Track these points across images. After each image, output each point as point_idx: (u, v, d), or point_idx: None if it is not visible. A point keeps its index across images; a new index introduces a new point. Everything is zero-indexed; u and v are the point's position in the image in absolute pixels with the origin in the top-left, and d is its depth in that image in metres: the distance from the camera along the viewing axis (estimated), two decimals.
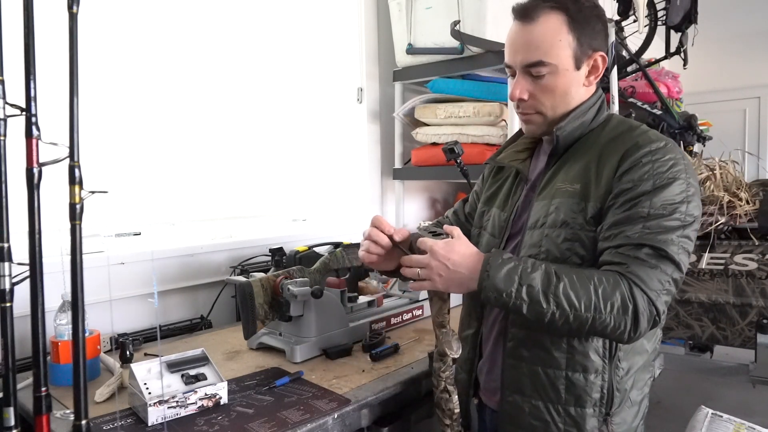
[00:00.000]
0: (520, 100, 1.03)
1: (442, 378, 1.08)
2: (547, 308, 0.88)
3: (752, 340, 2.28)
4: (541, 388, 0.98)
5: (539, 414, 0.98)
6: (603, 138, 1.01)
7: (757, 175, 4.60)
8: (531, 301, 0.89)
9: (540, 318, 0.89)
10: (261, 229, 2.01)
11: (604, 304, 0.87)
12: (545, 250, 0.98)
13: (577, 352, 0.96)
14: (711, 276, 2.39)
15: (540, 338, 0.98)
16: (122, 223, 1.62)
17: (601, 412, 0.96)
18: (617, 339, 0.92)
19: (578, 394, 0.96)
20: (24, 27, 0.90)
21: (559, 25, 0.97)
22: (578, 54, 0.99)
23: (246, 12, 1.95)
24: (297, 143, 2.15)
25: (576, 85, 1.01)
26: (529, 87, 1.01)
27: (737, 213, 2.29)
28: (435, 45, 2.12)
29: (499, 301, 0.90)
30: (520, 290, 0.89)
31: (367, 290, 1.84)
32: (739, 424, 1.41)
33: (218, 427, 1.00)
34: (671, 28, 3.77)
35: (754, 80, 5.27)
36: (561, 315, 0.88)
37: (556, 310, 0.88)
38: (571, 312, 0.87)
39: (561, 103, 1.02)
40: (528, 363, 0.99)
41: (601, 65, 1.02)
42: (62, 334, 1.22)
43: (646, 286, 0.88)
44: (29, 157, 0.91)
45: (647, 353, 1.03)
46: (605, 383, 0.96)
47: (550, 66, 0.98)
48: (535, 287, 0.88)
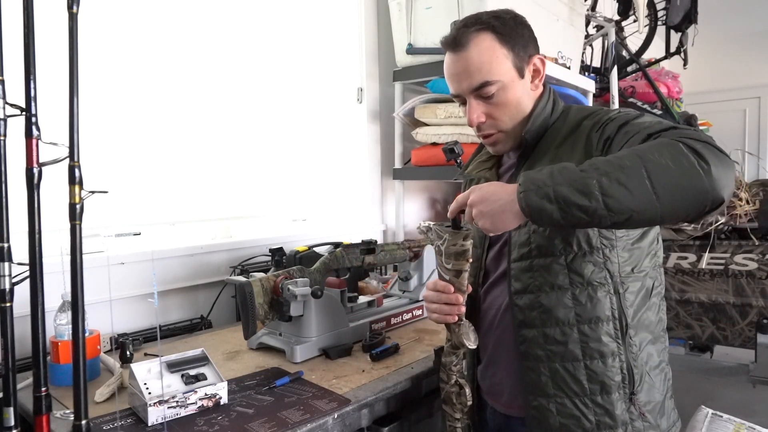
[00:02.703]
0: (479, 124, 1.05)
1: (453, 372, 1.08)
2: (605, 170, 0.77)
3: (752, 340, 2.28)
4: (563, 384, 0.97)
5: (568, 411, 0.97)
6: (567, 126, 1.03)
7: (757, 175, 4.61)
8: (580, 179, 0.78)
9: (589, 190, 0.77)
10: (261, 229, 2.01)
11: (661, 149, 0.78)
12: (536, 246, 0.99)
13: (590, 339, 0.96)
14: (711, 276, 2.39)
15: (551, 333, 0.98)
16: (122, 223, 1.62)
17: (625, 393, 0.96)
18: (697, 186, 0.76)
19: (601, 381, 0.95)
20: (24, 27, 0.90)
21: (491, 43, 1.00)
22: (517, 63, 1.02)
23: (246, 12, 1.95)
24: (297, 143, 2.15)
25: (526, 93, 1.04)
26: (484, 109, 1.03)
27: (737, 213, 2.29)
28: (435, 45, 2.12)
29: (545, 199, 0.79)
30: (566, 176, 0.80)
31: (367, 290, 1.84)
32: (739, 424, 1.41)
33: (218, 427, 1.00)
34: (671, 28, 3.78)
35: (754, 80, 5.27)
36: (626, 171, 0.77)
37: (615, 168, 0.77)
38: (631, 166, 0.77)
39: (517, 115, 1.04)
40: (546, 361, 0.98)
41: (541, 67, 1.04)
42: (62, 334, 1.22)
43: (682, 131, 0.82)
44: (29, 157, 0.91)
45: (653, 324, 1.01)
46: (623, 363, 0.96)
47: (496, 83, 1.00)
48: (575, 169, 0.81)
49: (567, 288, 0.97)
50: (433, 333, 1.56)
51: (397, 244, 1.68)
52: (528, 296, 1.00)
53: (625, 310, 0.96)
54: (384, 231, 2.50)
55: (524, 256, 1.00)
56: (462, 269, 1.00)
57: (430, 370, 1.28)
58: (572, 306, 0.97)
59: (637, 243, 0.99)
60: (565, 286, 0.97)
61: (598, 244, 0.96)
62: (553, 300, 0.97)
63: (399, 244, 1.68)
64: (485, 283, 1.12)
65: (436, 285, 1.03)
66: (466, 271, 1.01)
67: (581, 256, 0.96)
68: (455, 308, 1.02)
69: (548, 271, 0.98)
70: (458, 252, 0.99)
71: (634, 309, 0.97)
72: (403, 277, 1.77)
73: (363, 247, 1.56)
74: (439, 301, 1.03)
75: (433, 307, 1.04)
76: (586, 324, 0.96)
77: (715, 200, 0.77)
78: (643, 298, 0.99)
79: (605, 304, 0.96)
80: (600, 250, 0.96)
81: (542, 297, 0.98)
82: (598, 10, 3.51)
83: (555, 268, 0.97)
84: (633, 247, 0.98)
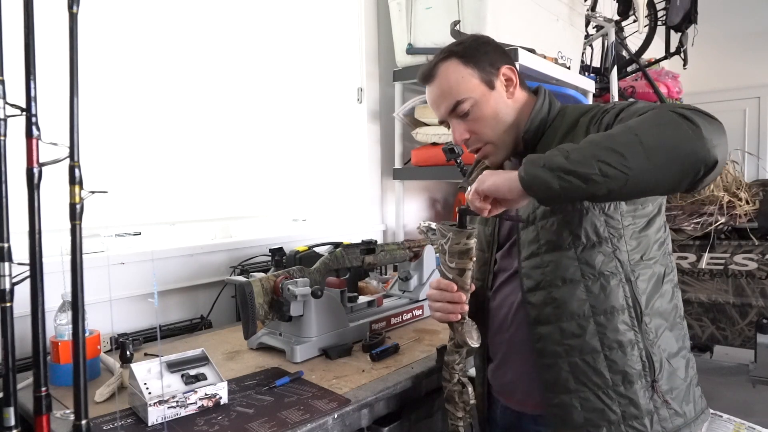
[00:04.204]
0: (464, 141, 1.10)
1: (456, 370, 1.08)
2: (601, 142, 0.81)
3: (752, 340, 2.28)
4: (585, 377, 0.97)
5: (592, 405, 0.97)
6: (565, 125, 1.04)
7: (757, 175, 4.61)
8: (578, 150, 0.82)
9: (584, 158, 0.80)
10: (261, 229, 2.01)
11: (650, 121, 0.82)
12: (545, 242, 1.00)
13: (608, 329, 0.96)
14: (711, 276, 2.39)
15: (568, 327, 0.98)
16: (122, 223, 1.62)
17: (647, 382, 0.96)
18: (689, 145, 0.78)
19: (623, 371, 0.95)
20: (24, 27, 0.90)
21: (455, 67, 1.06)
22: (485, 78, 1.06)
23: (246, 12, 1.95)
24: (297, 143, 2.15)
25: (501, 103, 1.07)
26: (465, 126, 1.08)
27: (737, 213, 2.29)
28: (435, 45, 2.12)
29: (543, 168, 0.83)
30: (563, 150, 0.84)
31: (367, 290, 1.84)
32: (739, 424, 1.41)
33: (218, 427, 1.00)
34: (671, 28, 3.78)
35: (754, 80, 5.28)
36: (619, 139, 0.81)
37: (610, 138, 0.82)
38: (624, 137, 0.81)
39: (498, 125, 1.07)
40: (564, 357, 0.98)
41: (513, 75, 1.08)
42: (62, 334, 1.22)
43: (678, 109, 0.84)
44: (29, 157, 0.91)
45: (668, 311, 1.01)
46: (642, 351, 0.96)
47: (468, 100, 1.05)
48: (571, 144, 0.85)
49: (579, 280, 0.97)
50: (433, 333, 1.56)
51: (397, 244, 1.68)
52: (541, 292, 1.01)
53: (638, 297, 0.97)
54: (384, 231, 2.50)
55: (534, 253, 1.01)
56: (465, 268, 1.01)
57: (430, 370, 1.28)
58: (586, 298, 0.97)
59: (644, 231, 1.00)
60: (577, 279, 0.97)
61: (605, 234, 0.97)
62: (567, 294, 0.98)
63: (399, 244, 1.68)
64: (495, 283, 1.13)
65: (440, 284, 1.04)
66: (470, 270, 1.01)
67: (590, 248, 0.97)
68: (458, 307, 1.03)
69: (559, 265, 0.98)
70: (462, 251, 0.99)
71: (647, 296, 0.98)
72: (403, 277, 1.77)
73: (363, 247, 1.56)
74: (442, 299, 1.04)
75: (437, 305, 1.05)
76: (601, 315, 0.96)
77: (708, 160, 0.78)
78: (656, 285, 1.00)
79: (618, 293, 0.96)
80: (608, 240, 0.97)
81: (555, 292, 0.99)
82: (598, 10, 3.52)
83: (566, 262, 0.98)
84: (640, 235, 0.99)
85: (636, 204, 0.99)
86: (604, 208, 0.97)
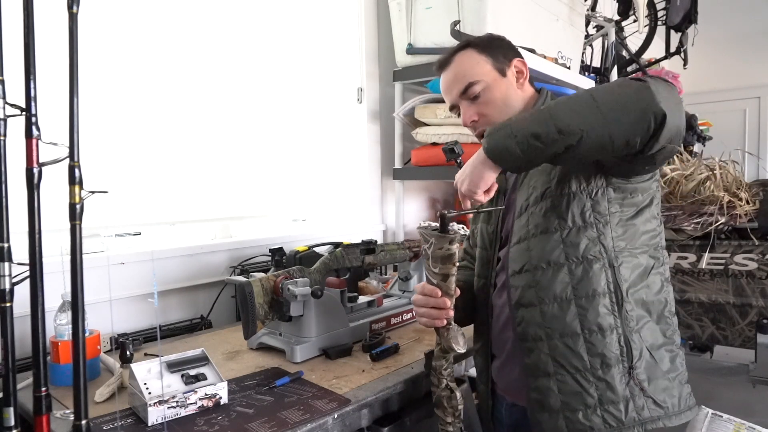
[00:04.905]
0: (472, 123, 1.13)
1: (444, 376, 1.08)
2: (555, 109, 0.88)
3: (752, 340, 2.28)
4: (564, 360, 0.98)
5: (569, 388, 0.97)
6: None
7: (757, 175, 4.61)
8: (534, 114, 0.90)
9: (542, 119, 0.88)
10: (261, 229, 2.01)
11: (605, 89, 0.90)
12: (533, 225, 1.03)
13: (588, 311, 0.97)
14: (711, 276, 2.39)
15: (549, 310, 0.99)
16: (122, 223, 1.62)
17: (624, 368, 0.96)
18: (638, 99, 0.85)
19: (601, 354, 0.96)
20: (24, 27, 0.90)
21: (471, 54, 1.13)
22: (497, 65, 1.12)
23: (246, 12, 1.95)
24: (297, 143, 2.15)
25: (511, 90, 1.12)
26: (475, 109, 1.12)
27: (737, 213, 2.29)
28: (435, 45, 2.13)
29: (505, 136, 0.90)
30: (519, 118, 0.92)
31: (367, 290, 1.84)
32: (739, 424, 1.41)
33: (218, 427, 1.00)
34: (671, 28, 3.78)
35: (754, 80, 5.27)
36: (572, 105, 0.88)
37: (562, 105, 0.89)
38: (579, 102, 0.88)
39: (506, 109, 1.10)
40: (545, 340, 0.99)
41: (524, 68, 1.14)
42: (62, 334, 1.22)
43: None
44: (29, 157, 0.91)
45: (653, 303, 1.01)
46: (620, 336, 0.97)
47: (480, 82, 1.10)
48: (529, 111, 0.93)
49: (563, 263, 0.99)
50: (432, 333, 1.55)
51: (397, 244, 1.68)
52: (525, 275, 1.02)
53: (620, 284, 0.98)
54: (384, 231, 2.50)
55: (522, 237, 1.04)
56: (449, 273, 1.00)
57: (427, 371, 1.28)
58: (569, 281, 0.98)
59: (632, 220, 1.01)
60: (561, 262, 0.99)
61: (591, 219, 0.99)
62: (550, 276, 0.99)
63: (399, 244, 1.68)
64: (498, 281, 1.13)
65: (424, 289, 1.04)
66: (453, 275, 1.01)
67: (576, 232, 0.99)
68: (443, 312, 1.02)
69: (544, 248, 1.00)
70: (444, 256, 0.99)
71: (628, 284, 0.99)
72: (403, 277, 1.77)
73: (363, 247, 1.56)
74: (426, 305, 1.04)
75: (421, 311, 1.05)
76: (583, 298, 0.97)
77: (657, 111, 0.83)
78: (640, 276, 1.00)
79: (601, 277, 0.98)
80: (593, 225, 0.99)
81: (539, 275, 1.00)
82: (598, 10, 3.52)
83: (551, 245, 1.00)
84: (627, 223, 1.01)
85: (625, 192, 1.00)
86: (591, 193, 0.99)
